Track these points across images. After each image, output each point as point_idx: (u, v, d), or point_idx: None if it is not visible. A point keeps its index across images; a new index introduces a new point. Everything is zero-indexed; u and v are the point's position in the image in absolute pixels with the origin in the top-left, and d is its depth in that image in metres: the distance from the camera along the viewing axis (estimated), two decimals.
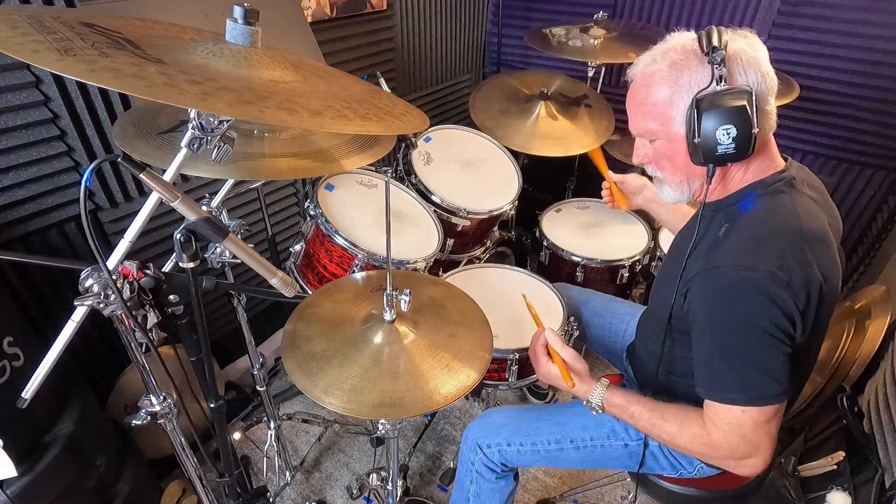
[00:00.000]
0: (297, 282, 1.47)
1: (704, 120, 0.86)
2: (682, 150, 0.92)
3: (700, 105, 0.86)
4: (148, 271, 0.80)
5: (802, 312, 0.84)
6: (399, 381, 0.97)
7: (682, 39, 0.92)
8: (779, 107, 0.93)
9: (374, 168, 1.60)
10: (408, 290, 1.05)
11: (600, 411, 1.08)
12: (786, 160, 0.97)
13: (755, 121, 0.85)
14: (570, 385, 1.08)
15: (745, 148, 0.86)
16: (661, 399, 1.06)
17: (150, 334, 0.82)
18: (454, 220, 1.70)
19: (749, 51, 0.87)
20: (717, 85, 0.85)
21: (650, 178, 1.10)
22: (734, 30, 0.89)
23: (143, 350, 0.87)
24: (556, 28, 2.14)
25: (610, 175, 1.58)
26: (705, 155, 0.89)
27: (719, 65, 0.84)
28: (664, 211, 1.47)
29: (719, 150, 0.87)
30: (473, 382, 0.99)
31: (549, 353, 1.15)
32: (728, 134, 0.85)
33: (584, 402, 1.10)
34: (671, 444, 1.03)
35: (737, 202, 0.94)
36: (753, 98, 0.84)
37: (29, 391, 0.77)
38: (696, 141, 0.88)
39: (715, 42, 0.85)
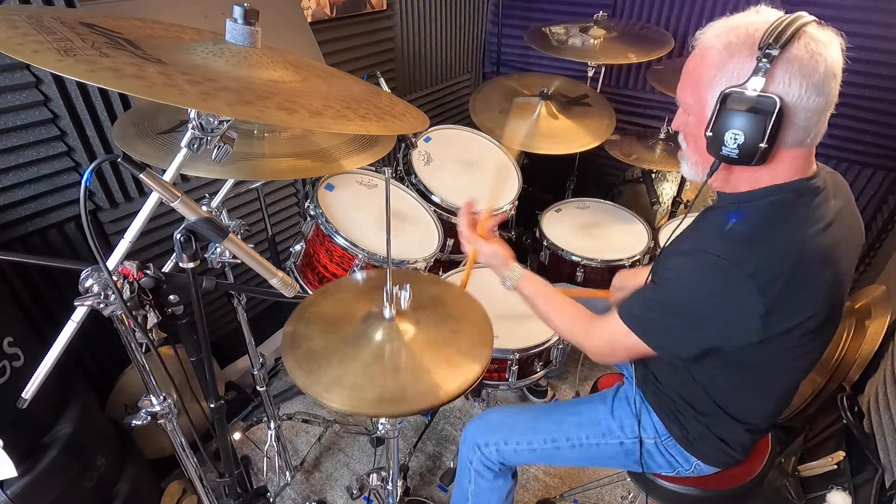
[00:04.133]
0: (298, 282, 1.47)
1: (721, 116, 0.84)
2: (703, 135, 0.90)
3: (724, 100, 0.83)
4: (148, 271, 0.80)
5: (763, 317, 0.85)
6: (400, 376, 0.97)
7: (758, 21, 0.84)
8: None
9: (374, 168, 1.60)
10: (408, 286, 1.05)
11: (510, 289, 1.20)
12: (818, 167, 0.93)
13: (768, 135, 0.81)
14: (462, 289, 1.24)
15: (749, 157, 0.84)
16: (650, 382, 1.13)
17: (150, 334, 0.82)
18: (454, 220, 1.70)
19: (807, 60, 0.79)
20: (750, 85, 0.80)
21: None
22: (821, 27, 0.84)
23: (143, 350, 0.87)
24: (556, 27, 2.14)
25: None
26: (713, 150, 0.87)
27: (764, 65, 0.79)
28: None
29: (723, 151, 0.85)
30: (475, 377, 0.99)
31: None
32: (735, 139, 0.83)
33: (500, 280, 1.21)
34: (555, 330, 1.19)
35: (752, 200, 0.92)
36: (777, 110, 0.79)
37: (29, 391, 0.77)
38: (707, 134, 0.86)
39: (775, 38, 0.79)
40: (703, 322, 0.91)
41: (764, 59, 0.79)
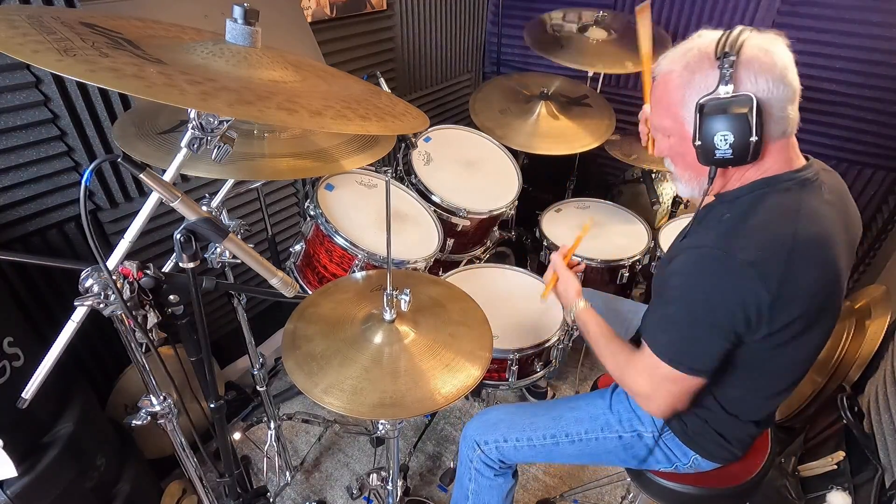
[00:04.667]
0: (297, 282, 1.47)
1: (705, 124, 0.88)
2: (690, 150, 0.94)
3: (702, 110, 0.88)
4: (148, 271, 0.80)
5: (770, 307, 0.86)
6: (399, 380, 0.98)
7: (706, 40, 0.91)
8: None
9: (374, 168, 1.60)
10: (408, 290, 1.05)
11: (570, 320, 1.25)
12: (808, 160, 0.97)
13: (755, 129, 0.85)
14: (544, 295, 1.34)
15: (744, 154, 0.88)
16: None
17: (150, 334, 0.82)
18: (454, 220, 1.70)
19: (763, 57, 0.85)
20: (722, 91, 0.85)
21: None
22: (761, 32, 0.89)
23: (143, 350, 0.87)
24: (554, 13, 2.15)
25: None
26: (706, 157, 0.92)
27: (727, 70, 0.85)
28: None
29: (717, 155, 0.89)
30: (474, 382, 0.99)
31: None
32: (725, 140, 0.87)
33: (565, 309, 1.28)
34: (605, 366, 1.14)
35: (740, 196, 0.95)
36: (755, 106, 0.84)
37: (29, 391, 0.77)
38: (696, 144, 0.91)
39: (728, 47, 0.85)
40: (718, 320, 0.90)
41: (726, 66, 0.85)
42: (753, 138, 0.86)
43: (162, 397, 0.95)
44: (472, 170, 1.87)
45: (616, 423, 1.19)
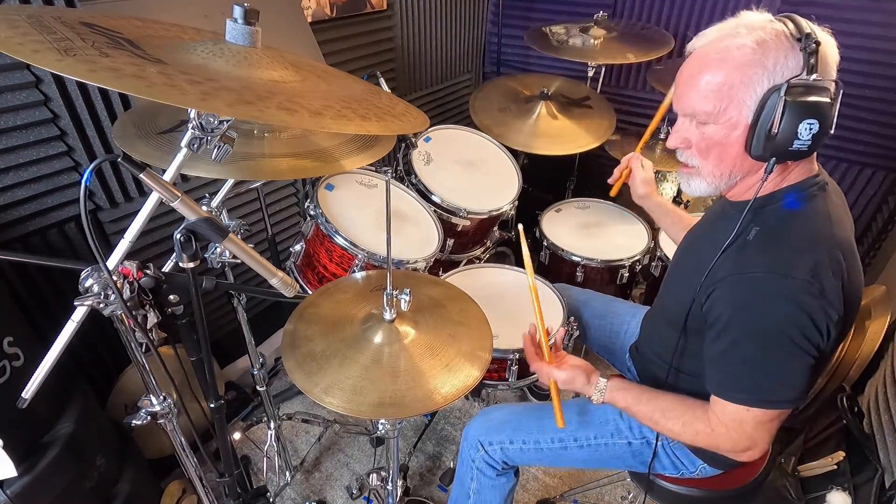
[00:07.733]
0: (297, 282, 1.47)
1: (789, 110, 0.79)
2: (738, 140, 0.85)
3: (791, 93, 0.79)
4: (148, 271, 0.80)
5: (836, 321, 0.82)
6: (399, 380, 0.98)
7: (762, 19, 0.83)
8: None
9: (374, 168, 1.60)
10: (408, 290, 1.05)
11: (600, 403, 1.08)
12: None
13: (835, 121, 0.79)
14: (562, 425, 1.08)
15: (816, 147, 0.81)
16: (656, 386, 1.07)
17: (150, 334, 0.82)
18: (454, 220, 1.70)
19: (833, 46, 0.81)
20: (809, 74, 0.78)
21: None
22: (812, 22, 0.83)
23: (143, 350, 0.87)
24: (556, 27, 2.15)
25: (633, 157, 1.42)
26: (775, 148, 0.82)
27: (813, 54, 0.77)
28: (668, 221, 1.42)
29: (794, 146, 0.80)
30: (474, 382, 0.99)
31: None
32: (810, 129, 0.79)
33: (589, 399, 1.09)
34: (674, 438, 1.03)
35: (768, 205, 0.90)
36: (840, 95, 0.79)
37: (29, 391, 0.77)
38: (772, 132, 0.80)
39: (807, 29, 0.79)
40: (800, 343, 0.82)
41: (812, 50, 0.78)
42: (832, 130, 0.80)
43: (162, 397, 0.95)
44: (472, 170, 1.87)
45: (626, 428, 1.16)
